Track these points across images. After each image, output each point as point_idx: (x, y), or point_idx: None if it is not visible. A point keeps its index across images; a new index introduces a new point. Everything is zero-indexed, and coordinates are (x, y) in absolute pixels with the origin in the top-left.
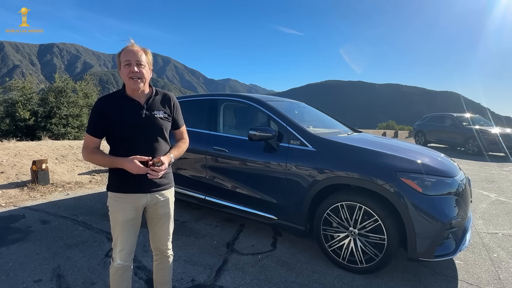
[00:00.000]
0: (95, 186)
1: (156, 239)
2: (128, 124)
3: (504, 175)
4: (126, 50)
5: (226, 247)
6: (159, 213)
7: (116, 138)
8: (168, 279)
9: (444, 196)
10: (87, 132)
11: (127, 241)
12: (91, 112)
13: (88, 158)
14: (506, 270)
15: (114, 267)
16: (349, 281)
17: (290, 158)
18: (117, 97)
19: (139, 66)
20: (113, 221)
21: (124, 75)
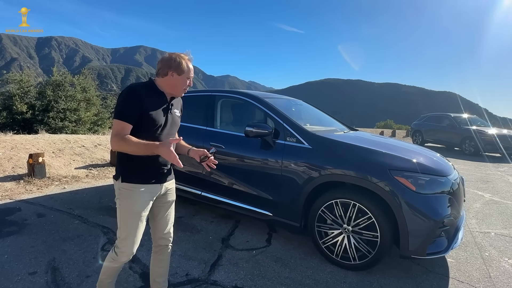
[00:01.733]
0: (92, 181)
1: (161, 228)
2: (159, 118)
3: (499, 176)
4: (191, 67)
5: (221, 242)
6: (168, 200)
7: (143, 130)
8: (167, 270)
9: (437, 194)
10: (121, 119)
11: (141, 233)
12: (128, 98)
13: (121, 146)
14: (497, 269)
15: (118, 262)
16: (342, 277)
17: (286, 155)
18: (152, 90)
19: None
20: (127, 213)
21: (182, 83)
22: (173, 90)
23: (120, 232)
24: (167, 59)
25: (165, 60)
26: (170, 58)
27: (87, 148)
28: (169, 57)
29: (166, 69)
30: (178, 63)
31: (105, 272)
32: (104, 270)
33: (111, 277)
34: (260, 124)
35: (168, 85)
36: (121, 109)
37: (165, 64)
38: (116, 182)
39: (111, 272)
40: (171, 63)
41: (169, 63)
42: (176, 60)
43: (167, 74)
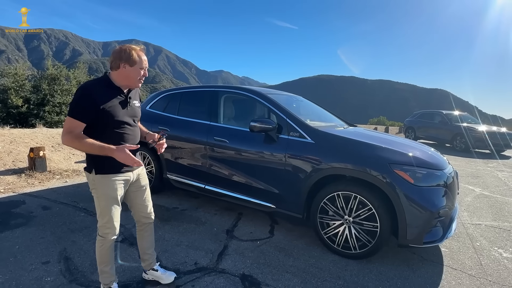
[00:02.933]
0: None
1: (143, 210)
2: (118, 112)
3: (489, 171)
4: (144, 56)
5: (226, 233)
6: (141, 185)
7: (103, 126)
8: (153, 243)
9: (433, 187)
10: (73, 117)
11: (119, 214)
12: (79, 97)
13: (73, 143)
14: (487, 257)
15: (108, 241)
16: (343, 265)
17: (289, 150)
18: (104, 85)
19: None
20: (105, 201)
21: (135, 74)
22: (127, 82)
23: (102, 218)
24: (117, 51)
25: (116, 53)
26: (120, 50)
27: None
28: (119, 49)
29: (117, 61)
30: (128, 55)
31: (101, 260)
32: (100, 259)
33: (109, 263)
34: (264, 119)
35: (122, 78)
36: (73, 107)
37: (116, 57)
38: (90, 175)
39: (105, 256)
40: (122, 55)
41: (119, 55)
42: (126, 52)
43: (119, 67)
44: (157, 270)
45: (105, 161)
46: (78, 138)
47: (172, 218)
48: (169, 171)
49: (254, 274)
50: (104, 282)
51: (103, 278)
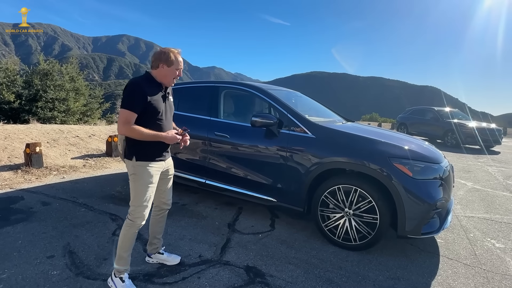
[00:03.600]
0: (90, 170)
1: (165, 196)
2: (160, 105)
3: (479, 166)
4: (180, 58)
5: (228, 227)
6: (169, 174)
7: (147, 117)
8: (163, 227)
9: (431, 180)
10: (130, 109)
11: (151, 200)
12: (132, 91)
13: (131, 133)
14: (481, 248)
15: (135, 226)
16: (344, 256)
17: (290, 144)
18: (151, 82)
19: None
20: (142, 185)
21: (171, 74)
22: (164, 80)
23: (135, 202)
24: (158, 53)
25: (157, 54)
26: (161, 52)
27: (81, 138)
28: (160, 51)
29: (157, 61)
30: (167, 56)
31: (123, 244)
32: (122, 243)
33: (128, 249)
34: (265, 114)
35: (160, 76)
36: (127, 100)
37: (157, 58)
38: (130, 162)
39: (128, 242)
40: (161, 56)
41: (159, 56)
42: (166, 54)
43: (159, 67)
44: (163, 253)
45: (144, 150)
46: (134, 128)
47: (173, 213)
48: None
49: (258, 265)
50: (118, 268)
51: (119, 263)
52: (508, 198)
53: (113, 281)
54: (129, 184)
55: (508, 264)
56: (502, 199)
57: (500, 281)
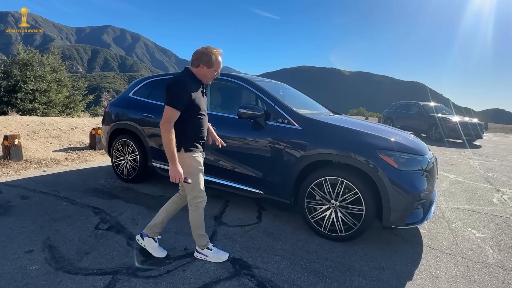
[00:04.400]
0: (72, 164)
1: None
2: (201, 102)
3: (461, 159)
4: (220, 61)
5: (214, 220)
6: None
7: (190, 114)
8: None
9: (415, 171)
10: (173, 107)
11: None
12: (179, 89)
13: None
14: (462, 238)
15: (201, 208)
16: (330, 247)
17: (277, 136)
18: (193, 79)
19: None
20: (195, 173)
21: (210, 75)
22: (203, 79)
23: (194, 190)
24: (199, 53)
25: (199, 54)
26: (203, 52)
27: (63, 131)
28: (202, 51)
29: (198, 61)
30: (208, 58)
31: (196, 225)
32: (195, 225)
33: (203, 226)
34: (252, 105)
35: (199, 75)
36: (173, 98)
37: (198, 57)
38: (179, 153)
39: (200, 221)
40: (202, 57)
41: (201, 56)
42: (208, 55)
43: (198, 66)
44: (156, 241)
45: (190, 142)
46: (171, 133)
47: (158, 206)
48: (154, 158)
49: (244, 257)
50: (201, 243)
51: (200, 240)
52: (488, 190)
53: (201, 253)
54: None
55: (488, 253)
56: (483, 190)
57: (480, 270)
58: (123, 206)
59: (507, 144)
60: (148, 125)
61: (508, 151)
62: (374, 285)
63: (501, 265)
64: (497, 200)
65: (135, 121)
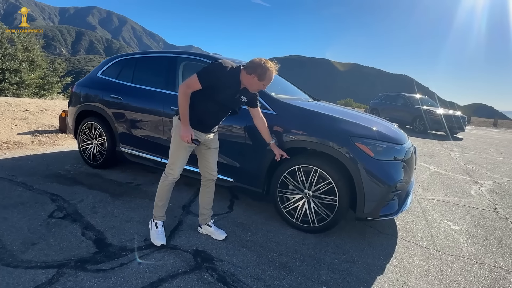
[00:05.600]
0: (38, 147)
1: (208, 165)
2: (223, 95)
3: (443, 151)
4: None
5: (182, 209)
6: (211, 147)
7: (207, 96)
8: (212, 201)
9: (392, 161)
10: (199, 80)
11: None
12: (214, 70)
13: (183, 96)
14: (437, 230)
15: (168, 180)
16: (301, 239)
17: (250, 121)
18: (232, 75)
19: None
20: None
21: (257, 87)
22: (248, 87)
23: (170, 158)
24: (257, 63)
25: (256, 64)
26: (260, 65)
27: (31, 112)
28: (259, 63)
29: (251, 70)
30: (263, 72)
31: (158, 194)
32: (158, 193)
33: (163, 199)
34: None
35: (246, 82)
36: (204, 72)
37: (253, 67)
38: (175, 117)
39: (162, 192)
40: (257, 69)
41: (256, 68)
42: (263, 69)
43: (251, 75)
44: (211, 226)
45: (193, 117)
46: (187, 96)
47: (124, 194)
48: (123, 143)
49: (208, 249)
50: (154, 214)
51: (155, 211)
52: (467, 181)
53: (151, 224)
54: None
55: (462, 246)
56: (462, 182)
57: (453, 263)
58: (85, 193)
59: (487, 138)
60: (116, 107)
61: (488, 144)
62: (342, 279)
63: (475, 258)
64: (474, 192)
65: (102, 102)
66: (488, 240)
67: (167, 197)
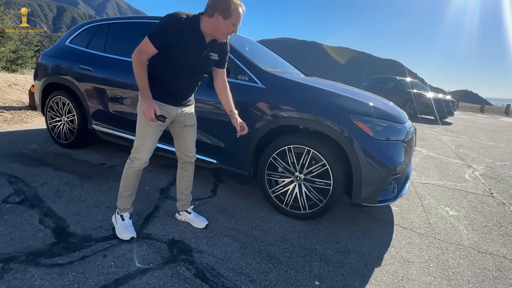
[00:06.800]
0: (3, 125)
1: (186, 146)
2: (188, 54)
3: (434, 135)
4: (240, 13)
5: (160, 193)
6: (187, 124)
7: (169, 59)
8: (191, 184)
9: (393, 141)
10: (153, 41)
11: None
12: (166, 26)
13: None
14: (435, 216)
15: (134, 167)
16: (290, 226)
17: (236, 96)
18: (192, 25)
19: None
20: (143, 123)
21: (225, 29)
22: (214, 32)
23: (136, 140)
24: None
25: (213, 0)
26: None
27: None
28: None
29: (212, 9)
30: (227, 6)
31: (123, 182)
32: (123, 181)
33: (129, 189)
34: None
35: (211, 27)
36: (157, 32)
37: (213, 4)
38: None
39: (127, 181)
40: (220, 4)
41: (217, 4)
42: (225, 2)
43: (213, 16)
44: (190, 212)
45: (158, 88)
46: (142, 65)
47: (95, 176)
48: (95, 120)
49: (186, 239)
50: (119, 206)
51: (119, 202)
52: (460, 165)
53: (115, 218)
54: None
55: (462, 233)
56: (455, 166)
57: (454, 252)
58: (50, 175)
59: (475, 122)
60: (87, 80)
61: (476, 128)
62: (337, 272)
63: (476, 246)
64: (469, 176)
65: (71, 74)
66: (488, 226)
67: (134, 186)
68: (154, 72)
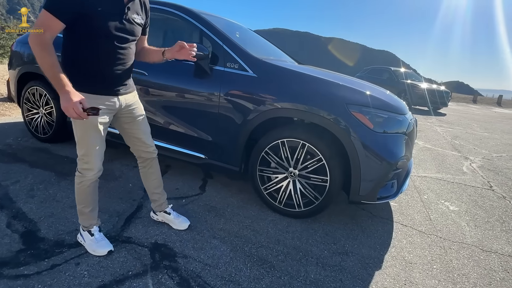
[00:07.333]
0: None
1: (139, 142)
2: (107, 22)
3: (429, 126)
4: None
5: (144, 191)
6: (136, 114)
7: (84, 33)
8: (161, 181)
9: (394, 134)
10: (51, 11)
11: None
12: None
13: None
14: (435, 211)
15: (87, 179)
16: (284, 226)
17: (225, 85)
18: None
19: None
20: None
21: None
22: None
23: (79, 149)
24: None
25: None
26: None
27: None
28: None
29: None
30: None
31: (79, 199)
32: (78, 198)
33: (89, 204)
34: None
35: None
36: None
37: None
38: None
39: (84, 196)
40: None
41: None
42: None
43: None
44: (170, 213)
45: (82, 78)
46: (47, 46)
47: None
48: None
49: (170, 242)
50: (83, 224)
51: (81, 220)
52: (457, 157)
53: (82, 235)
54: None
55: (464, 230)
56: (452, 158)
57: (458, 251)
58: (24, 172)
59: (469, 113)
60: None
61: (471, 119)
62: (335, 277)
63: (480, 245)
64: (466, 168)
65: None
66: (490, 222)
67: (93, 199)
68: (70, 56)
